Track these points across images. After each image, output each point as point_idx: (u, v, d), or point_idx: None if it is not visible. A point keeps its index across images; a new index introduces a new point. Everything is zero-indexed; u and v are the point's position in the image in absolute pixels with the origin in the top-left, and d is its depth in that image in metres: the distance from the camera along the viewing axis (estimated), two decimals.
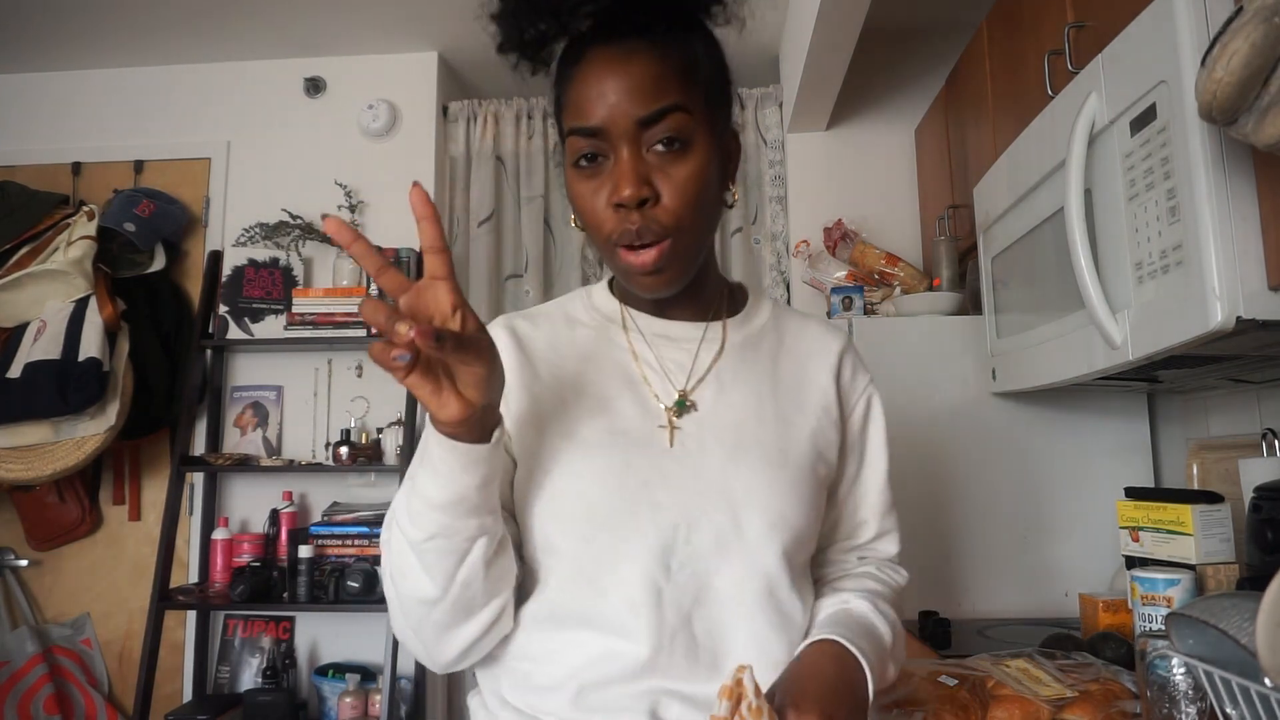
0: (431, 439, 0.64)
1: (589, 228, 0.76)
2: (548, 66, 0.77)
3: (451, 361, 0.58)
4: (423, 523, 0.66)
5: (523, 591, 0.78)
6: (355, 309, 2.72)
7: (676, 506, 0.75)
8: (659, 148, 0.72)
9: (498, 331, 0.84)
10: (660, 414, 0.79)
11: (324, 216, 0.60)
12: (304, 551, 2.57)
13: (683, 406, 0.80)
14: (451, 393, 0.59)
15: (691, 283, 0.80)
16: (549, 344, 0.84)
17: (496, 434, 0.65)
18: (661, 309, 0.85)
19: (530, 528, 0.77)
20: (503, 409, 0.76)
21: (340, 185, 2.92)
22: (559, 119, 0.79)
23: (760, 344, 0.87)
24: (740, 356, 0.85)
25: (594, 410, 0.79)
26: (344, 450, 2.66)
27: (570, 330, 0.86)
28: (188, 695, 2.75)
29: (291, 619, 2.80)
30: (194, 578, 2.82)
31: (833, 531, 0.90)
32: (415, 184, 0.59)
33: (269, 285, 2.84)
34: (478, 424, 0.62)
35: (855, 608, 0.81)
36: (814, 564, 0.88)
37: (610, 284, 0.90)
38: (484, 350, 0.60)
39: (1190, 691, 0.98)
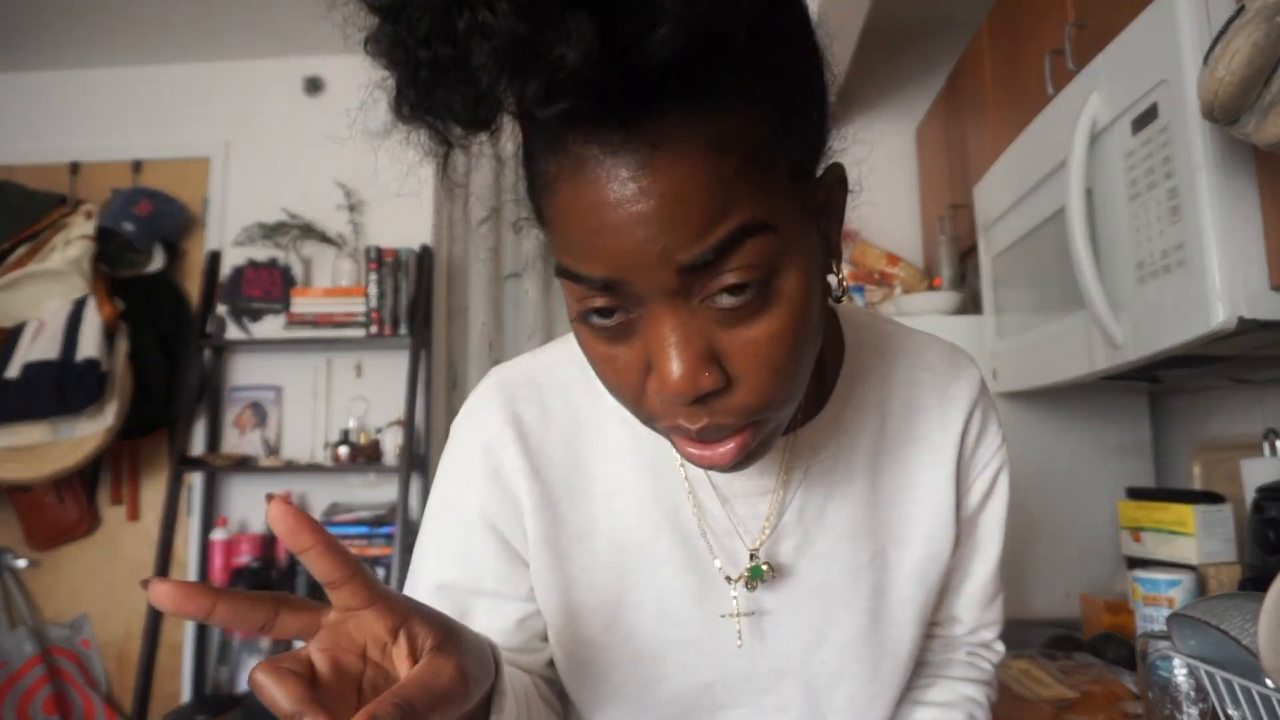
0: None
1: (616, 399, 0.50)
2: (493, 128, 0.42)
3: None
4: None
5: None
6: (355, 309, 2.72)
7: (747, 705, 0.62)
8: (724, 298, 0.43)
9: (499, 430, 0.61)
10: (724, 595, 0.60)
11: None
12: None
13: (757, 575, 0.60)
14: None
15: None
16: (570, 455, 0.62)
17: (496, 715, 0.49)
18: None
19: (571, 701, 0.66)
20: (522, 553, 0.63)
21: (340, 185, 2.92)
22: (541, 226, 0.47)
23: (856, 445, 0.63)
24: (830, 479, 0.62)
25: (638, 583, 0.61)
26: (343, 450, 2.66)
27: (598, 430, 0.62)
28: (186, 696, 2.74)
29: None
30: (193, 578, 2.82)
31: None
32: (270, 500, 0.41)
33: (268, 285, 2.84)
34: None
35: None
36: None
37: None
38: (447, 687, 0.41)
39: (1192, 692, 0.97)
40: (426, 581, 0.63)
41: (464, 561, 0.63)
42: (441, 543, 0.64)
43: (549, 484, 0.61)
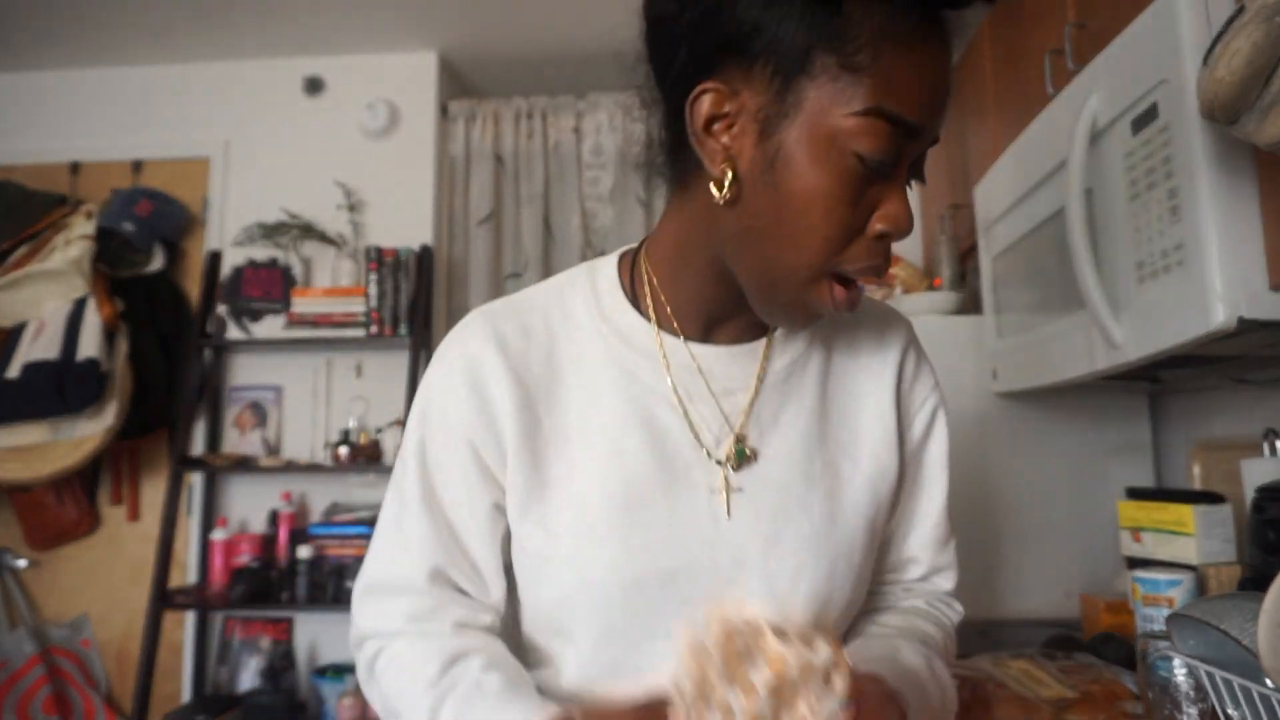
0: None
1: (800, 245, 0.59)
2: None
3: None
4: None
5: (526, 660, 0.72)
6: (355, 309, 2.72)
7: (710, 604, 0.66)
8: (913, 168, 0.61)
9: (481, 345, 0.68)
10: (695, 484, 0.66)
11: None
12: (303, 552, 2.56)
13: (741, 455, 0.67)
14: None
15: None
16: (548, 367, 0.68)
17: None
18: (709, 331, 0.70)
19: (533, 621, 0.71)
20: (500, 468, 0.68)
21: (340, 185, 2.92)
22: (850, 72, 0.55)
23: (807, 363, 0.72)
24: (785, 388, 0.70)
25: (606, 474, 0.66)
26: (343, 450, 2.66)
27: (573, 345, 0.69)
28: (186, 696, 2.75)
29: (291, 620, 2.79)
30: (193, 578, 2.82)
31: (877, 564, 0.76)
32: None
33: (268, 285, 2.84)
34: None
35: (906, 661, 0.67)
36: None
37: (622, 279, 0.71)
38: None
39: (1192, 692, 0.97)
40: (412, 491, 0.70)
41: (443, 472, 0.69)
42: (421, 454, 0.70)
43: (528, 388, 0.67)
